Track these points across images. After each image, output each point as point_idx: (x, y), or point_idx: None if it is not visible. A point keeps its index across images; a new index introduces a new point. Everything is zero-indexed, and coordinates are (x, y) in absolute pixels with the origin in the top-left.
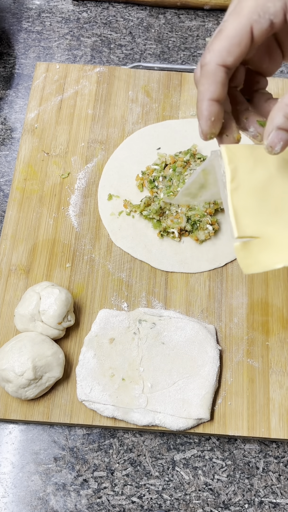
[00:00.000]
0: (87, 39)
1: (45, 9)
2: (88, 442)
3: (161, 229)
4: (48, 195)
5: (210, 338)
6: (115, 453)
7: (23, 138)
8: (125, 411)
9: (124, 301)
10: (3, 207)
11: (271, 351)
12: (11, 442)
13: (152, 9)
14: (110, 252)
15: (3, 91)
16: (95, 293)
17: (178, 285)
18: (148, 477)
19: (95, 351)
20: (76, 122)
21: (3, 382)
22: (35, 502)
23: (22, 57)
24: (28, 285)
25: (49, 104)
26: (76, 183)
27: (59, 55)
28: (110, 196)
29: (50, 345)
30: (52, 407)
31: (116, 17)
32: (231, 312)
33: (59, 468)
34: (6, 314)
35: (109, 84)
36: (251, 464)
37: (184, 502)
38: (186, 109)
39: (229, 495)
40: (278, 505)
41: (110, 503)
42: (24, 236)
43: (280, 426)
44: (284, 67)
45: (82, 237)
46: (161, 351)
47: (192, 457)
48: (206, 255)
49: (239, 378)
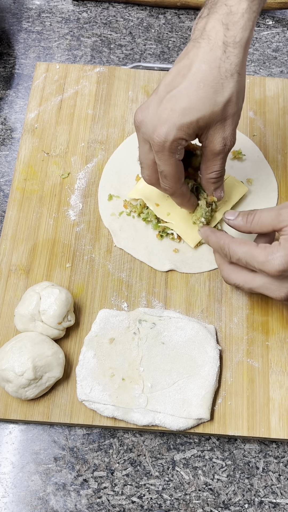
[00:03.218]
0: (87, 39)
1: (45, 9)
2: (88, 442)
3: (160, 230)
4: (48, 195)
5: (210, 338)
6: (115, 453)
7: (23, 138)
8: (125, 411)
9: (124, 301)
10: (3, 207)
11: (271, 351)
12: (11, 442)
13: (152, 9)
14: (110, 252)
15: (3, 91)
16: (95, 293)
17: (178, 285)
18: (148, 477)
19: (95, 351)
20: (76, 122)
21: (3, 382)
22: (35, 502)
23: (22, 57)
24: (28, 285)
25: (49, 104)
26: (76, 183)
27: (59, 55)
28: (110, 196)
29: (50, 345)
30: (52, 407)
31: (116, 17)
32: (231, 312)
33: (59, 468)
34: (6, 314)
35: (109, 84)
36: (251, 464)
37: (184, 502)
38: None
39: (229, 495)
40: (278, 505)
41: (110, 503)
42: (24, 236)
43: (280, 426)
44: (284, 67)
45: (82, 237)
46: (161, 351)
47: (192, 457)
48: (206, 255)
49: (239, 378)
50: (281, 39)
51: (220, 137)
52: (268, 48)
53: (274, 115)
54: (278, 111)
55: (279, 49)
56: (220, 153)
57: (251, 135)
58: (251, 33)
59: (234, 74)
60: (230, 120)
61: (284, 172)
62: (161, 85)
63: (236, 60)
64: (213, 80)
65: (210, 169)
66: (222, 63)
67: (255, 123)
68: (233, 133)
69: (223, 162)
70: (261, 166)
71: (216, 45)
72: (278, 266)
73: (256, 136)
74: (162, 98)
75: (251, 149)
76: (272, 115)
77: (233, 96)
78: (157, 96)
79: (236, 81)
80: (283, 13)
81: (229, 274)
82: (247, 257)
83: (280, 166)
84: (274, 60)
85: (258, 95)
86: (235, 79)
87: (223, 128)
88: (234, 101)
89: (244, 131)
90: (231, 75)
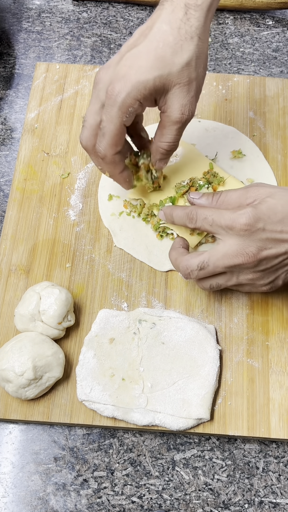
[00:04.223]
0: (87, 39)
1: (45, 9)
2: (88, 442)
3: (160, 230)
4: (48, 195)
5: (210, 338)
6: (115, 453)
7: (23, 138)
8: (125, 411)
9: (124, 301)
10: (3, 207)
11: (271, 351)
12: (11, 442)
13: (152, 9)
14: (110, 252)
15: (3, 91)
16: (95, 293)
17: (178, 285)
18: (148, 477)
19: (95, 351)
20: (76, 122)
21: (3, 382)
22: (35, 502)
23: (22, 57)
24: (28, 285)
25: (49, 104)
26: (76, 183)
27: (59, 55)
28: (110, 196)
29: (50, 345)
30: (52, 407)
31: (116, 17)
32: (231, 312)
33: (59, 468)
34: (6, 314)
35: None
36: (251, 464)
37: (184, 502)
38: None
39: (229, 495)
40: (278, 505)
41: (110, 503)
42: (24, 236)
43: (280, 426)
44: (284, 67)
45: (82, 237)
46: (161, 351)
47: (192, 457)
48: None
49: (239, 378)
50: (281, 39)
51: (178, 103)
52: (268, 48)
53: (274, 115)
54: (278, 111)
55: (279, 49)
56: (177, 122)
57: (251, 135)
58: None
59: (194, 37)
60: (189, 86)
61: (284, 172)
62: (124, 45)
63: (197, 23)
64: (173, 41)
65: (163, 137)
66: (183, 25)
67: (255, 123)
68: (192, 101)
69: (178, 133)
70: (261, 166)
71: (178, 6)
72: (246, 220)
73: (256, 136)
74: (122, 56)
75: (251, 149)
76: (272, 115)
77: (192, 60)
78: (118, 55)
79: (195, 45)
80: (283, 13)
81: (188, 260)
82: (215, 215)
83: (280, 166)
84: (274, 60)
85: (258, 95)
86: (195, 43)
87: (182, 94)
88: (193, 66)
89: (244, 131)
90: (191, 37)
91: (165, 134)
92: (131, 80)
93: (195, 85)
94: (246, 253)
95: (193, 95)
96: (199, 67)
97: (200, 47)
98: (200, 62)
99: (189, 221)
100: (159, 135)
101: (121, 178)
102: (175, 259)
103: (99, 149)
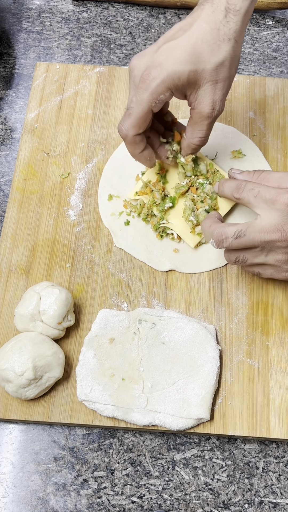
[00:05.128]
0: (87, 39)
1: (45, 9)
2: (88, 442)
3: (160, 230)
4: (48, 195)
5: (210, 338)
6: (115, 453)
7: (23, 138)
8: (125, 411)
9: (124, 301)
10: (3, 207)
11: (271, 351)
12: (11, 442)
13: (152, 9)
14: (110, 252)
15: (3, 91)
16: (95, 293)
17: (178, 285)
18: (148, 477)
19: (95, 351)
20: (76, 122)
21: (3, 382)
22: (35, 502)
23: (22, 57)
24: (28, 285)
25: (49, 104)
26: (76, 183)
27: (59, 55)
28: (110, 196)
29: (50, 345)
30: (52, 407)
31: (116, 17)
32: (231, 312)
33: (59, 468)
34: (6, 314)
35: (109, 84)
36: (251, 464)
37: (184, 502)
38: (186, 109)
39: (229, 495)
40: (278, 505)
41: (110, 503)
42: (24, 236)
43: (280, 426)
44: (284, 67)
45: (82, 237)
46: (161, 351)
47: (192, 457)
48: (206, 255)
49: (239, 378)
50: (281, 39)
51: (209, 99)
52: (268, 48)
53: (274, 115)
54: (278, 111)
55: (279, 49)
56: (208, 117)
57: (251, 135)
58: (250, 5)
59: (231, 39)
60: (221, 84)
61: None
62: (162, 37)
63: (235, 26)
64: (211, 40)
65: (195, 133)
66: (222, 26)
67: (255, 123)
68: (222, 98)
69: (209, 128)
70: (261, 166)
71: (218, 9)
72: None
73: (256, 136)
74: (160, 47)
75: (251, 149)
76: (272, 115)
77: (226, 60)
78: (155, 45)
79: (231, 47)
80: (283, 13)
81: (224, 226)
82: (261, 188)
83: (280, 166)
84: (274, 60)
85: (258, 95)
86: (231, 44)
87: (213, 91)
88: (227, 66)
89: (244, 131)
90: (228, 39)
91: (197, 130)
92: (167, 69)
93: (226, 84)
94: (284, 229)
95: (224, 93)
96: (232, 68)
97: (236, 49)
98: (233, 64)
99: (236, 191)
100: (191, 131)
101: (142, 158)
102: (210, 226)
103: (121, 128)
